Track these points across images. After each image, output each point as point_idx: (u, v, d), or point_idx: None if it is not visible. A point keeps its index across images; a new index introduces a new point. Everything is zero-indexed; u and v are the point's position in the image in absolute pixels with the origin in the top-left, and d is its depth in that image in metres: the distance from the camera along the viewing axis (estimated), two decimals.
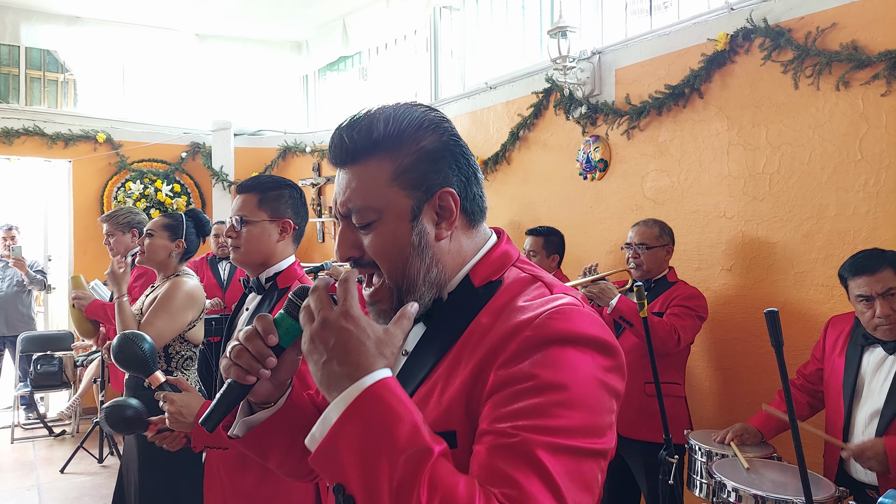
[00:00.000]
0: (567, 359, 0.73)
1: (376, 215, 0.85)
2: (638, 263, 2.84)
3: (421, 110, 0.88)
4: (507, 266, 0.90)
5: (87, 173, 5.83)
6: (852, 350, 2.14)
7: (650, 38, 3.38)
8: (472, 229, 0.91)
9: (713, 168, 3.06)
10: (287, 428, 0.97)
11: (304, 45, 6.38)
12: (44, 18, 5.52)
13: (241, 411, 0.97)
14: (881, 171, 2.47)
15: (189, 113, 6.35)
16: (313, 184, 6.21)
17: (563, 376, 0.72)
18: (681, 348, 2.66)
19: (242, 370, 0.86)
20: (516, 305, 0.81)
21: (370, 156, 0.85)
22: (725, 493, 1.97)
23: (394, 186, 0.84)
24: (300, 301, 0.87)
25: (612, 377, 0.77)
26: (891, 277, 2.00)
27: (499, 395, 0.73)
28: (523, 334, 0.75)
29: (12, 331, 5.55)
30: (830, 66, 2.59)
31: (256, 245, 1.78)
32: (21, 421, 5.52)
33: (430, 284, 0.87)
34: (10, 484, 4.32)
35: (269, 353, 0.86)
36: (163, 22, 5.81)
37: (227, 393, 0.88)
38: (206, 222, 2.67)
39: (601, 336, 0.77)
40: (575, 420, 0.71)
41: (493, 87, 4.42)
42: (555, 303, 0.78)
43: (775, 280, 2.82)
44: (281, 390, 0.95)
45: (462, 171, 0.88)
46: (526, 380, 0.72)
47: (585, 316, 0.78)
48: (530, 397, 0.71)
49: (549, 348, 0.74)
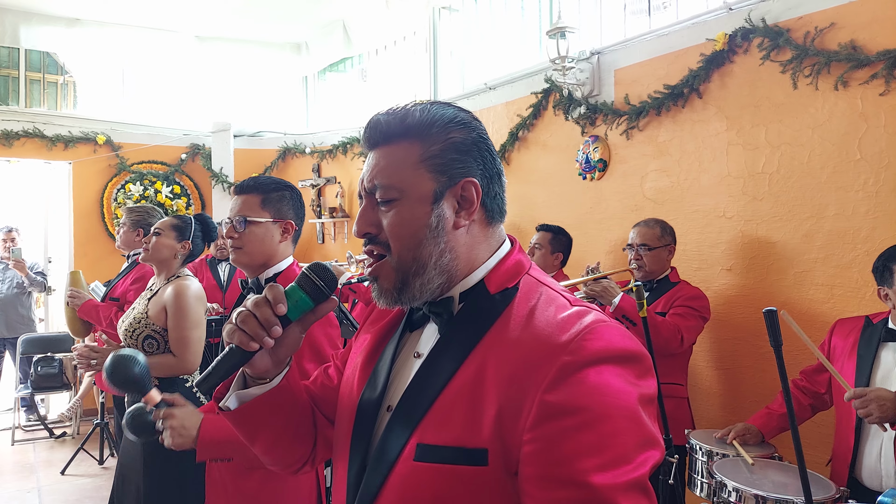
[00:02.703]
0: (607, 382, 0.74)
1: (398, 194, 0.87)
2: (640, 264, 2.84)
3: (454, 109, 0.92)
4: (522, 274, 0.90)
5: (87, 175, 5.83)
6: (865, 349, 2.09)
7: (649, 39, 3.38)
8: (490, 227, 0.92)
9: (713, 168, 3.07)
10: (279, 410, 0.97)
11: (304, 46, 6.38)
12: (43, 20, 5.52)
13: (236, 384, 0.97)
14: (880, 170, 2.48)
15: (189, 114, 6.35)
16: (313, 185, 6.21)
17: (608, 401, 0.73)
18: (684, 349, 2.66)
19: (247, 336, 0.86)
20: (544, 320, 0.81)
21: (401, 138, 0.89)
22: (726, 492, 1.97)
23: (420, 169, 0.87)
24: (315, 276, 0.89)
25: (645, 383, 0.78)
26: None
27: (547, 429, 0.74)
28: (562, 359, 0.75)
29: (12, 332, 5.54)
30: (829, 65, 2.59)
31: (260, 246, 1.78)
32: (21, 423, 5.52)
33: (441, 270, 0.87)
34: (11, 486, 4.32)
35: (275, 322, 0.87)
36: (162, 23, 5.81)
37: (226, 357, 0.88)
38: (213, 228, 2.67)
39: (630, 347, 0.78)
40: (630, 441, 0.73)
41: (493, 88, 4.42)
42: (584, 320, 0.79)
43: (775, 280, 2.82)
44: (278, 368, 0.95)
45: (487, 168, 0.91)
46: (574, 413, 0.73)
47: (613, 330, 0.79)
48: (585, 433, 0.72)
49: (587, 372, 0.75)
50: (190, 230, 2.54)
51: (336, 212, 5.93)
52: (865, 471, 2.03)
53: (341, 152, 5.97)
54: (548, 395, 0.74)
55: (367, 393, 0.93)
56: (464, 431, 0.78)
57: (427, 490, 0.79)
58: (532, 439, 0.74)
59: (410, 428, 0.83)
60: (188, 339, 2.36)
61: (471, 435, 0.78)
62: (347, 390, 1.00)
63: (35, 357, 5.24)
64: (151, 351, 2.39)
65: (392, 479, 0.83)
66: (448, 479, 0.78)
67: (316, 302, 0.91)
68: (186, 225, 2.55)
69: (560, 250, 3.32)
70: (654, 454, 0.75)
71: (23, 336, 5.41)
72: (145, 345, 2.39)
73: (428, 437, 0.81)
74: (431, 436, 0.81)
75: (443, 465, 0.79)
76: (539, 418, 0.74)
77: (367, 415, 0.91)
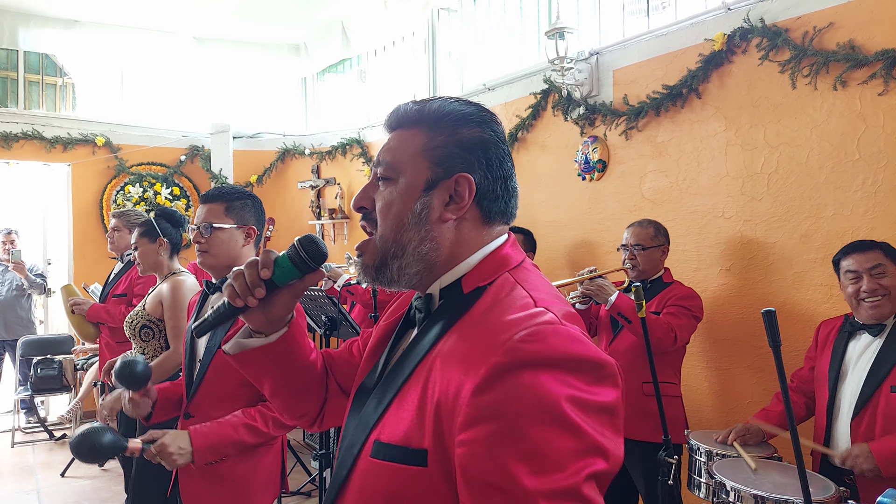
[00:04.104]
0: (542, 386, 0.70)
1: (394, 174, 0.91)
2: (634, 264, 2.85)
3: (475, 107, 0.93)
4: (501, 271, 0.88)
5: (86, 177, 5.83)
6: (839, 340, 2.25)
7: (648, 39, 3.38)
8: (485, 228, 0.91)
9: (711, 168, 3.07)
10: (276, 364, 1.04)
11: (303, 47, 6.38)
12: (42, 22, 5.52)
13: (242, 333, 1.04)
14: (879, 170, 2.48)
15: (188, 116, 6.35)
16: (312, 186, 6.21)
17: (540, 406, 0.69)
18: (677, 347, 2.66)
19: (234, 292, 0.94)
20: (495, 318, 0.79)
21: (412, 125, 0.93)
22: (725, 493, 1.97)
23: (420, 156, 0.90)
24: (301, 248, 0.94)
25: (596, 390, 0.72)
26: (879, 256, 2.12)
27: (476, 432, 0.70)
28: (494, 359, 0.72)
29: (12, 335, 5.54)
30: (828, 65, 2.60)
31: (225, 249, 1.91)
32: (21, 425, 5.52)
33: (419, 257, 0.88)
34: (10, 488, 4.32)
35: (259, 284, 0.93)
36: (161, 25, 5.81)
37: (219, 309, 0.97)
38: (175, 214, 2.87)
39: (577, 352, 0.73)
40: (563, 448, 0.68)
41: (492, 89, 4.42)
42: (532, 321, 0.75)
43: (774, 280, 2.82)
44: (274, 326, 1.01)
45: (491, 169, 0.91)
46: (502, 417, 0.69)
47: (560, 334, 0.74)
48: (513, 438, 0.68)
49: (520, 376, 0.70)
50: (155, 228, 2.76)
51: (335, 213, 5.93)
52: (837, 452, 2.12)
53: (340, 153, 5.97)
54: (477, 397, 0.71)
55: (366, 381, 0.98)
56: (410, 431, 0.79)
57: (379, 487, 0.81)
58: (462, 442, 0.72)
59: (371, 423, 0.86)
60: (182, 328, 2.57)
61: (415, 435, 0.78)
62: (356, 375, 1.05)
63: (35, 359, 5.24)
64: (148, 339, 2.67)
65: (355, 473, 0.86)
66: (396, 478, 0.79)
67: (302, 272, 0.95)
68: (150, 226, 2.77)
69: (527, 250, 3.35)
70: (596, 462, 0.69)
71: (22, 338, 5.41)
72: (142, 334, 2.66)
73: (384, 434, 0.83)
74: (387, 433, 0.82)
75: (391, 463, 0.80)
76: (468, 420, 0.71)
77: (358, 402, 0.95)
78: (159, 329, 2.67)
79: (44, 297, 6.03)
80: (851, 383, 2.15)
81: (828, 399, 2.20)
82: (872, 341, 2.13)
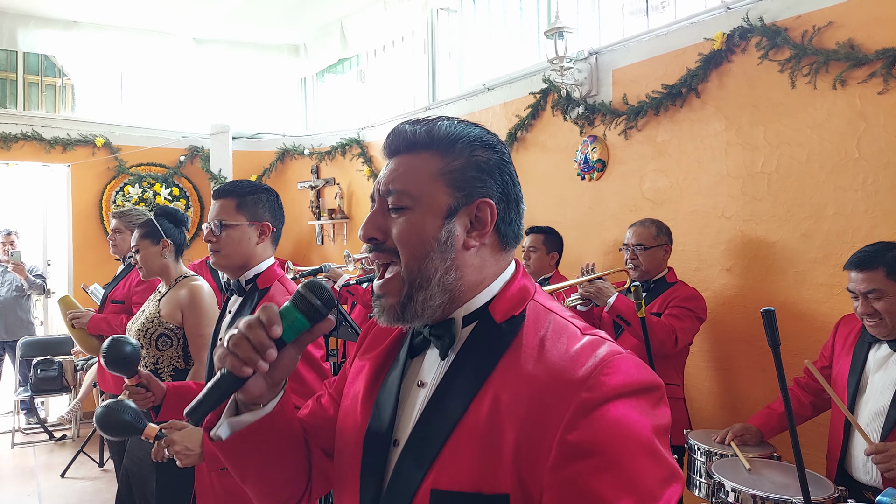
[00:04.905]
0: (627, 417, 0.72)
1: (412, 202, 0.85)
2: (636, 264, 2.84)
3: (480, 129, 0.90)
4: (527, 301, 0.87)
5: (86, 178, 5.83)
6: (859, 347, 2.14)
7: (647, 39, 3.38)
8: (501, 253, 0.89)
9: (711, 168, 3.06)
10: (274, 437, 0.92)
11: (302, 47, 6.38)
12: (41, 23, 5.52)
13: (228, 411, 0.92)
14: (879, 169, 2.47)
15: (187, 116, 6.35)
16: (312, 186, 6.21)
17: (630, 438, 0.72)
18: (679, 349, 2.65)
19: (240, 361, 0.81)
20: (557, 352, 0.79)
21: (424, 149, 0.87)
22: (724, 493, 1.97)
23: (438, 182, 0.85)
24: (311, 295, 0.85)
25: (660, 413, 0.76)
26: (878, 279, 2.00)
27: (573, 470, 0.71)
28: (580, 396, 0.73)
29: (12, 336, 5.54)
30: (827, 64, 2.59)
31: (237, 248, 1.82)
32: (21, 426, 5.52)
33: (444, 288, 0.84)
34: (11, 489, 4.31)
35: (270, 345, 0.82)
36: (160, 26, 5.81)
37: (218, 384, 0.82)
38: (177, 213, 2.67)
39: (646, 379, 0.76)
40: (655, 477, 0.71)
41: (491, 89, 4.42)
42: (598, 352, 0.77)
43: (775, 280, 2.82)
44: (273, 392, 0.90)
45: (506, 192, 0.88)
46: (596, 453, 0.71)
47: (630, 361, 0.77)
48: (609, 473, 0.70)
49: (607, 408, 0.72)
50: (157, 229, 2.56)
51: (335, 213, 5.93)
52: (855, 464, 2.05)
53: (340, 154, 5.97)
54: (568, 435, 0.72)
55: (374, 425, 0.89)
56: (481, 475, 0.75)
57: None
58: (555, 482, 0.72)
59: (423, 470, 0.79)
60: (208, 336, 2.38)
61: (489, 479, 0.75)
62: (351, 421, 0.94)
63: (35, 360, 5.24)
64: (164, 348, 2.42)
65: None
66: None
67: (312, 322, 0.86)
68: (152, 227, 2.56)
69: (555, 249, 3.32)
70: (678, 489, 0.73)
71: (22, 339, 5.41)
72: (158, 343, 2.42)
73: (442, 481, 0.78)
74: (446, 480, 0.77)
75: None
76: (560, 459, 0.72)
77: (376, 448, 0.87)
78: (178, 337, 2.44)
79: (43, 298, 6.02)
80: (872, 399, 2.05)
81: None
82: (893, 354, 2.03)
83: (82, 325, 3.34)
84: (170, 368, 2.42)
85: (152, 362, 2.42)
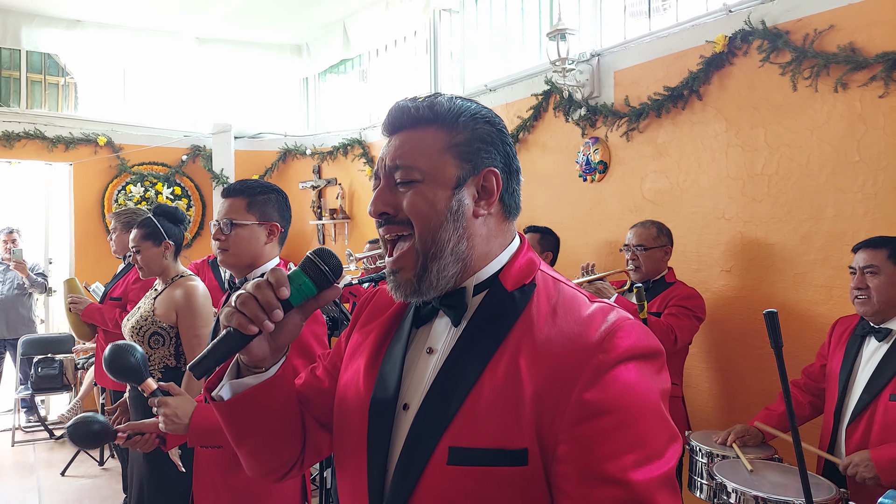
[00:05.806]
0: (637, 379, 0.78)
1: (421, 176, 0.87)
2: (637, 265, 2.85)
3: (478, 104, 0.94)
4: (535, 271, 0.91)
5: (88, 176, 5.84)
6: (852, 342, 2.24)
7: (649, 41, 3.39)
8: (505, 222, 0.93)
9: (712, 169, 3.07)
10: (274, 403, 0.93)
11: (305, 47, 6.40)
12: (44, 22, 5.54)
13: (230, 373, 0.93)
14: (879, 172, 2.48)
15: (189, 116, 6.36)
16: (313, 186, 6.22)
17: (641, 399, 0.77)
18: (677, 348, 2.66)
19: (246, 319, 0.82)
20: (570, 318, 0.83)
21: (429, 124, 0.90)
22: (726, 494, 1.98)
23: (446, 155, 0.88)
24: (320, 261, 0.87)
25: (663, 378, 0.82)
26: (879, 257, 2.11)
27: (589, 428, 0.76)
28: (597, 357, 0.77)
29: (13, 333, 5.55)
30: (828, 67, 2.60)
31: (245, 247, 1.82)
32: (22, 424, 5.53)
33: (457, 257, 0.87)
34: (11, 487, 4.32)
35: (277, 305, 0.83)
36: (163, 25, 5.83)
37: (223, 341, 0.83)
38: (176, 212, 2.66)
39: (653, 344, 0.82)
40: (661, 437, 0.77)
41: (493, 90, 4.43)
42: (609, 317, 0.81)
43: (774, 281, 2.83)
44: (276, 357, 0.91)
45: (507, 163, 0.93)
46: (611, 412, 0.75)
47: (638, 327, 0.82)
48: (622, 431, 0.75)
49: (619, 369, 0.77)
50: (159, 229, 2.54)
51: (336, 213, 5.94)
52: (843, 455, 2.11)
53: (342, 154, 5.98)
54: (585, 394, 0.76)
55: (379, 393, 0.90)
56: (502, 432, 0.78)
57: (464, 493, 0.79)
58: (570, 438, 0.76)
59: (440, 430, 0.81)
60: (203, 336, 2.40)
61: (510, 435, 0.78)
62: (353, 392, 0.95)
63: (35, 358, 5.24)
64: (157, 347, 2.43)
65: (423, 484, 0.81)
66: (486, 481, 0.78)
67: (319, 288, 0.88)
68: (153, 227, 2.54)
69: (549, 249, 3.36)
70: (678, 448, 0.79)
71: (23, 337, 5.42)
72: (151, 341, 2.43)
73: (462, 439, 0.80)
74: (466, 438, 0.80)
75: (481, 467, 0.78)
76: (577, 416, 0.76)
77: (383, 416, 0.88)
78: (170, 336, 2.44)
79: (45, 297, 6.03)
80: (859, 389, 2.13)
81: (836, 402, 2.19)
82: (879, 346, 2.12)
83: (78, 310, 3.38)
84: (160, 366, 2.44)
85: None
